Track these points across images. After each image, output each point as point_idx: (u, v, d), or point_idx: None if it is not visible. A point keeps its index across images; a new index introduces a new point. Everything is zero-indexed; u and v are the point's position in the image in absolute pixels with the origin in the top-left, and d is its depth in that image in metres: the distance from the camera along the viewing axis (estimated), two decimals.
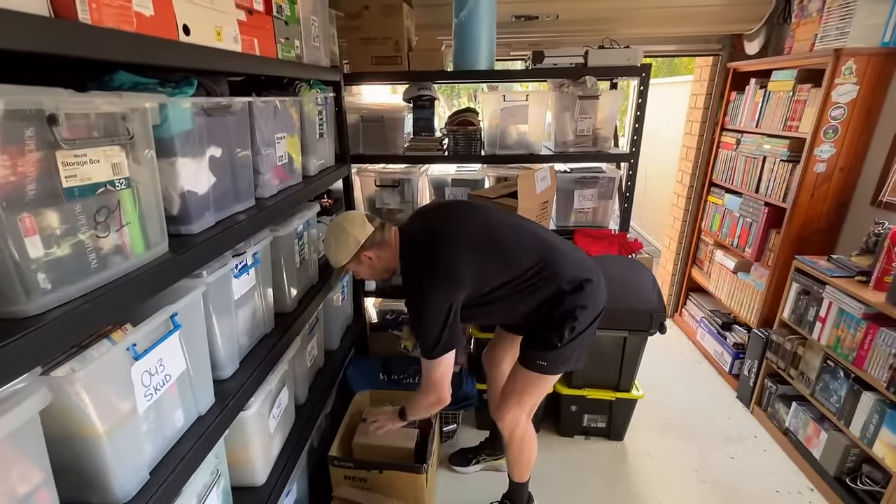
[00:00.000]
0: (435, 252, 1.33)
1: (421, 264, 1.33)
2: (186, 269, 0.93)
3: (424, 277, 1.30)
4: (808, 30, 2.06)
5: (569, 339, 1.37)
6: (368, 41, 2.07)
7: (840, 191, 2.05)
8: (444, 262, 1.30)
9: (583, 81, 2.09)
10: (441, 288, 1.28)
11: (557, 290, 1.37)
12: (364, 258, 1.39)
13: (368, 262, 1.41)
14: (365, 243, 1.38)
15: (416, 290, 1.31)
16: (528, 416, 1.57)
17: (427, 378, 1.37)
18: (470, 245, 1.35)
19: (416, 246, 1.38)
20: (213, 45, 0.98)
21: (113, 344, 0.78)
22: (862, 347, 1.66)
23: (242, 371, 1.20)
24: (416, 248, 1.38)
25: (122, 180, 0.76)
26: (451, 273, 1.29)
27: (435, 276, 1.29)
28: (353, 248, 1.37)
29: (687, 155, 3.07)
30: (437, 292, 1.27)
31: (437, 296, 1.27)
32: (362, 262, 1.40)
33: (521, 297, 1.38)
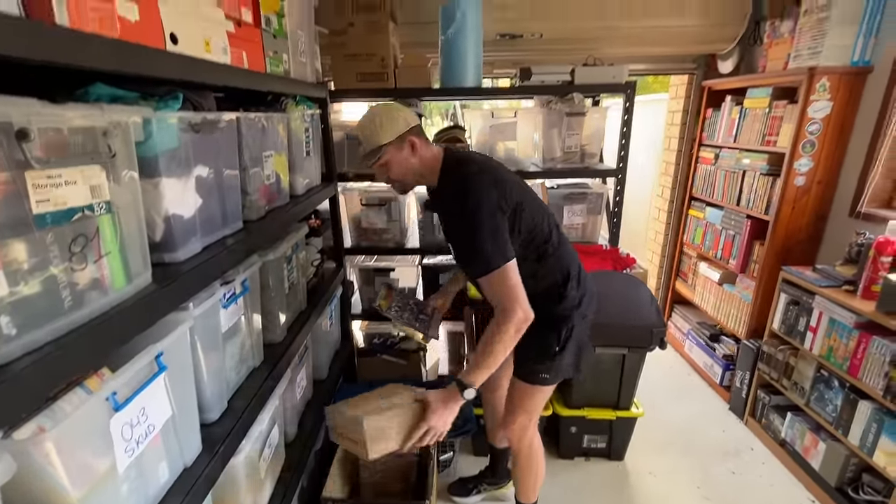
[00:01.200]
0: (482, 165, 1.26)
1: (472, 171, 1.23)
2: (173, 301, 0.83)
3: (477, 182, 1.20)
4: (781, 49, 2.14)
5: (566, 338, 1.34)
6: (354, 57, 2.03)
7: (819, 203, 2.11)
8: (494, 173, 1.25)
9: (570, 98, 2.10)
10: (492, 193, 1.19)
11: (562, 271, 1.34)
12: (407, 144, 1.25)
13: (409, 153, 1.26)
14: (414, 128, 1.26)
15: (469, 194, 1.19)
16: (534, 424, 1.53)
17: (503, 295, 1.16)
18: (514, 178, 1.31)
19: (462, 159, 1.29)
20: (202, 56, 0.91)
21: (88, 393, 0.67)
22: (856, 356, 1.68)
23: (231, 411, 1.08)
24: (463, 161, 1.29)
25: (101, 204, 0.66)
26: (501, 182, 1.22)
27: (488, 182, 1.21)
28: (401, 128, 1.24)
29: (666, 170, 3.13)
30: (491, 197, 1.18)
31: (490, 200, 1.17)
32: (404, 148, 1.25)
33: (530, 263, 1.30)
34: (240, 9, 1.07)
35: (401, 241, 2.36)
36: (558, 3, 2.31)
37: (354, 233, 2.38)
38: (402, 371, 2.34)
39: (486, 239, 1.15)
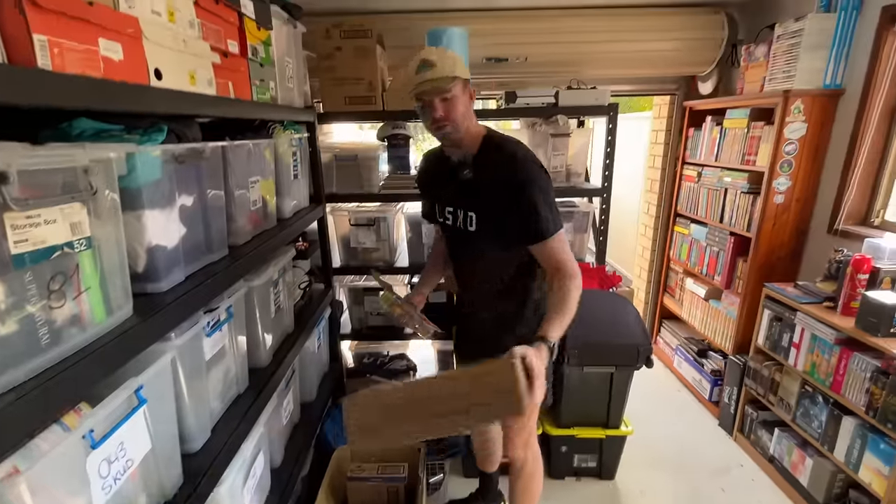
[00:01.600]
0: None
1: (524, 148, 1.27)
2: (154, 333, 0.83)
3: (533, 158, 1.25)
4: (757, 72, 2.21)
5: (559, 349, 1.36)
6: (341, 81, 2.06)
7: (798, 220, 2.16)
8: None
9: (555, 120, 2.15)
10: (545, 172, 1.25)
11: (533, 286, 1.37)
12: (469, 91, 1.24)
13: (467, 99, 1.23)
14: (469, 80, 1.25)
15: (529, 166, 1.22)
16: (534, 436, 1.55)
17: (567, 255, 1.22)
18: None
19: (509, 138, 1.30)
20: (187, 89, 0.92)
21: (66, 431, 0.66)
22: (838, 372, 1.71)
23: (214, 440, 1.07)
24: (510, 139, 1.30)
25: (81, 241, 0.67)
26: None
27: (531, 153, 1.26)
28: (468, 73, 1.23)
29: (651, 187, 3.19)
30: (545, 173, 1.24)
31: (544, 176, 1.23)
32: (465, 92, 1.22)
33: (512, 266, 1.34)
34: (226, 41, 1.09)
35: (390, 259, 2.37)
36: (542, 28, 2.37)
37: (343, 252, 2.39)
38: None
39: (549, 205, 1.21)
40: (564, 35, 2.40)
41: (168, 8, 0.85)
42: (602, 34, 2.41)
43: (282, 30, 1.53)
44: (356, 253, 2.36)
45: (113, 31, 0.70)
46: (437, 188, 1.43)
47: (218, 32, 1.05)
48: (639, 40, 2.43)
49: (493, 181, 1.24)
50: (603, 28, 2.40)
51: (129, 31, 0.74)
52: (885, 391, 1.52)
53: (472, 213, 1.31)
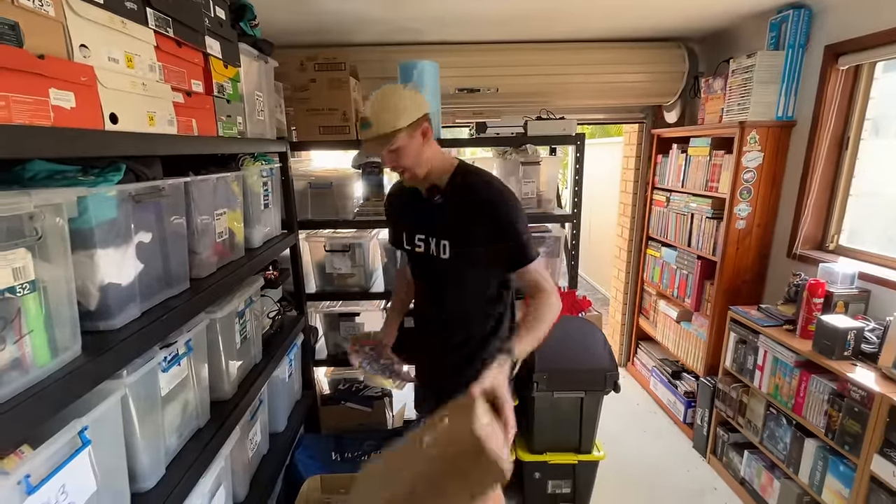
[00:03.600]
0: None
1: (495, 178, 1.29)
2: (104, 372, 0.83)
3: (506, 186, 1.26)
4: (716, 104, 2.32)
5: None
6: (316, 112, 2.10)
7: (760, 244, 2.24)
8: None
9: (524, 149, 2.21)
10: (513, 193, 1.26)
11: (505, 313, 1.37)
12: (420, 132, 1.19)
13: (420, 140, 1.20)
14: (427, 115, 1.21)
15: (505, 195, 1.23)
16: None
17: (545, 277, 1.25)
18: None
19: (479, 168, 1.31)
20: (146, 130, 0.95)
21: (4, 475, 0.66)
22: (798, 394, 1.75)
23: (169, 477, 1.06)
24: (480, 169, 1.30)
25: (24, 285, 0.68)
26: None
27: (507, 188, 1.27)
28: (415, 113, 1.17)
29: (624, 211, 3.27)
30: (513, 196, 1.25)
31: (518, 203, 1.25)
32: (415, 137, 1.19)
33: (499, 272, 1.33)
34: (189, 81, 1.12)
35: (366, 285, 2.38)
36: (513, 60, 2.47)
37: (319, 278, 2.39)
38: (368, 418, 2.31)
39: (527, 232, 1.24)
40: (534, 67, 2.49)
41: (126, 55, 0.88)
42: (570, 67, 2.52)
43: (252, 65, 1.57)
44: (332, 279, 2.37)
45: (65, 81, 0.73)
46: (405, 215, 1.42)
47: (181, 73, 1.09)
48: (606, 73, 2.54)
49: (468, 208, 1.23)
50: (571, 61, 2.51)
51: (83, 80, 0.77)
52: (842, 413, 1.56)
53: (446, 241, 1.29)
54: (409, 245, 1.41)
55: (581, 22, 2.28)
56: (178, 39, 1.05)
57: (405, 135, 1.17)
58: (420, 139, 1.21)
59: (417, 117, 1.18)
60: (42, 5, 0.70)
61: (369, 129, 1.17)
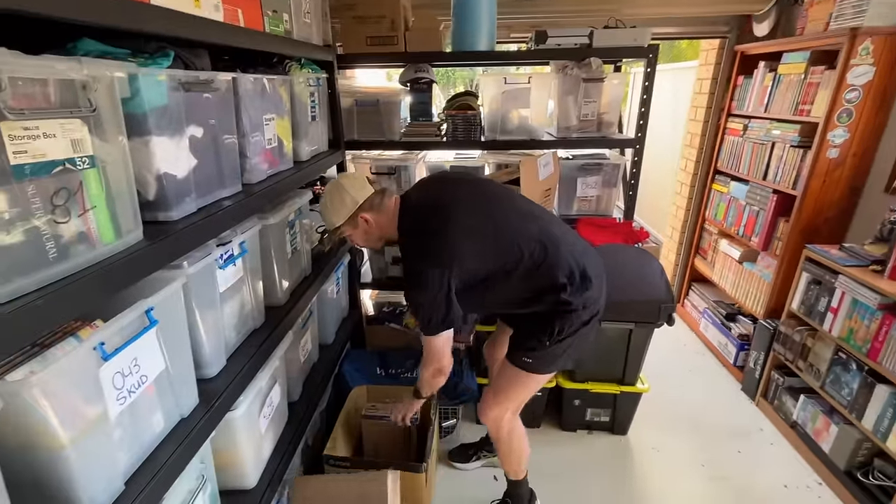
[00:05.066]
0: (435, 226, 1.27)
1: (420, 237, 1.28)
2: (164, 258, 0.85)
3: (423, 251, 1.26)
4: (823, 9, 1.97)
5: (557, 338, 1.31)
6: (362, 20, 1.97)
7: (853, 177, 1.98)
8: (444, 237, 1.25)
9: (587, 63, 2.00)
10: (439, 262, 1.22)
11: (552, 283, 1.28)
12: (360, 221, 1.34)
13: (364, 227, 1.35)
14: (363, 205, 1.33)
15: (414, 262, 1.27)
16: (513, 412, 1.52)
17: (427, 351, 1.35)
18: (471, 222, 1.28)
19: (416, 217, 1.33)
20: (191, 11, 0.89)
21: (79, 342, 0.70)
22: (877, 339, 1.60)
23: (230, 369, 1.12)
24: (416, 219, 1.32)
25: (84, 159, 0.67)
26: (451, 247, 1.25)
27: (433, 250, 1.25)
28: (349, 209, 1.32)
29: (691, 142, 2.99)
30: (436, 267, 1.22)
31: (434, 270, 1.22)
32: (358, 225, 1.34)
33: (516, 283, 1.30)
34: None
35: None
36: None
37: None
38: (408, 339, 2.38)
39: (427, 309, 1.24)
40: None
41: None
42: None
43: None
44: None
45: None
46: None
47: None
48: None
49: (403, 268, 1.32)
50: None
51: None
52: None
53: None
54: None
55: None
56: None
57: (347, 227, 1.35)
58: (364, 226, 1.34)
59: (353, 211, 1.32)
60: None
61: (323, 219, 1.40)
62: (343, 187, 1.33)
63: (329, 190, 1.36)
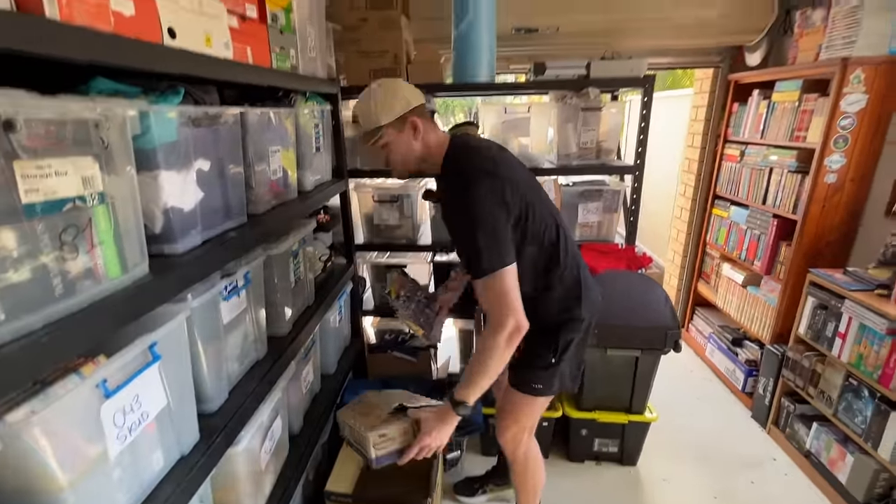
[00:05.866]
0: (494, 157, 1.17)
1: (476, 162, 1.14)
2: (169, 292, 0.84)
3: (481, 174, 1.10)
4: (813, 40, 2.03)
5: (563, 353, 1.29)
6: (366, 54, 2.03)
7: (852, 202, 1.99)
8: (504, 165, 1.14)
9: (585, 93, 2.05)
10: (497, 186, 1.08)
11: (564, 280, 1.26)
12: (409, 125, 1.16)
13: (410, 135, 1.16)
14: (416, 108, 1.16)
15: (470, 187, 1.08)
16: (529, 433, 1.49)
17: (496, 301, 1.07)
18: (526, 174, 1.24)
19: (470, 148, 1.20)
20: (203, 51, 0.92)
21: (81, 379, 0.69)
22: (888, 365, 1.58)
23: (231, 402, 1.10)
24: (470, 149, 1.19)
25: (94, 195, 0.68)
26: (510, 175, 1.12)
27: (493, 175, 1.10)
28: (401, 108, 1.15)
29: (689, 167, 3.03)
30: (496, 190, 1.08)
31: (495, 194, 1.08)
32: (404, 130, 1.16)
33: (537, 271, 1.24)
34: (243, 4, 1.08)
35: (413, 237, 2.35)
36: None
37: (366, 229, 2.39)
38: (413, 368, 2.34)
39: (485, 237, 1.05)
40: (599, 3, 2.27)
41: None
42: (640, 1, 2.27)
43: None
44: (379, 230, 2.36)
45: None
46: None
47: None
48: (680, 6, 2.27)
49: (446, 203, 1.20)
50: None
51: None
52: None
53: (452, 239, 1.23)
54: None
55: None
56: None
57: (391, 130, 1.16)
58: (409, 134, 1.17)
59: (404, 112, 1.16)
60: None
61: (358, 125, 1.21)
62: (398, 84, 1.16)
63: (379, 85, 1.17)
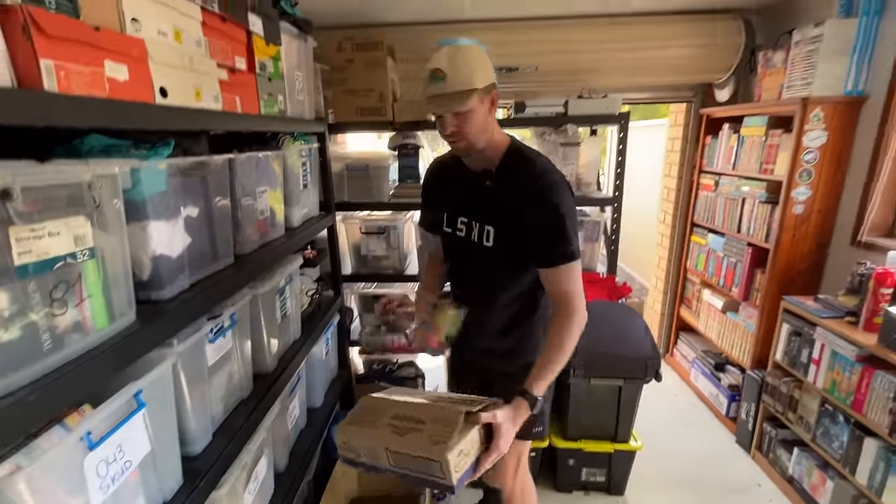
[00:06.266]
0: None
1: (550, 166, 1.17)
2: (157, 339, 0.86)
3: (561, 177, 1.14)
4: (775, 79, 2.16)
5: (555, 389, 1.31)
6: (353, 93, 2.10)
7: (819, 231, 2.08)
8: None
9: (564, 129, 2.14)
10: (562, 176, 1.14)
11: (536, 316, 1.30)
12: (489, 99, 1.10)
13: (487, 109, 1.10)
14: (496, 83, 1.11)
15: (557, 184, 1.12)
16: (525, 465, 1.50)
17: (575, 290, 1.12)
18: None
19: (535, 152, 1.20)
20: (192, 105, 0.96)
21: (67, 431, 0.70)
22: (859, 391, 1.63)
23: (216, 444, 1.10)
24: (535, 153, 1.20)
25: (85, 251, 0.70)
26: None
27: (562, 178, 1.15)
28: (492, 76, 1.09)
29: (668, 196, 3.13)
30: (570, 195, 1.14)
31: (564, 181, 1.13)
32: (485, 102, 1.09)
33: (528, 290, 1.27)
34: (233, 58, 1.14)
35: (400, 267, 2.39)
36: (553, 38, 2.37)
37: (354, 260, 2.42)
38: None
39: (572, 227, 1.11)
40: (576, 44, 2.39)
41: (174, 29, 0.89)
42: (614, 43, 2.40)
43: (292, 44, 1.58)
44: (367, 260, 2.39)
45: (119, 54, 0.74)
46: (449, 196, 1.32)
47: (225, 50, 1.10)
48: (653, 48, 2.40)
49: (518, 195, 1.14)
50: (615, 37, 2.39)
51: (135, 53, 0.78)
52: None
53: (491, 228, 1.20)
54: (450, 227, 1.32)
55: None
56: (222, 15, 1.06)
57: (477, 98, 1.05)
58: (488, 107, 1.11)
59: (491, 81, 1.09)
60: None
61: (442, 83, 1.03)
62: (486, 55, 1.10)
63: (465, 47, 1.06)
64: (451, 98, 1.04)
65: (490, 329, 1.34)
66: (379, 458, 0.97)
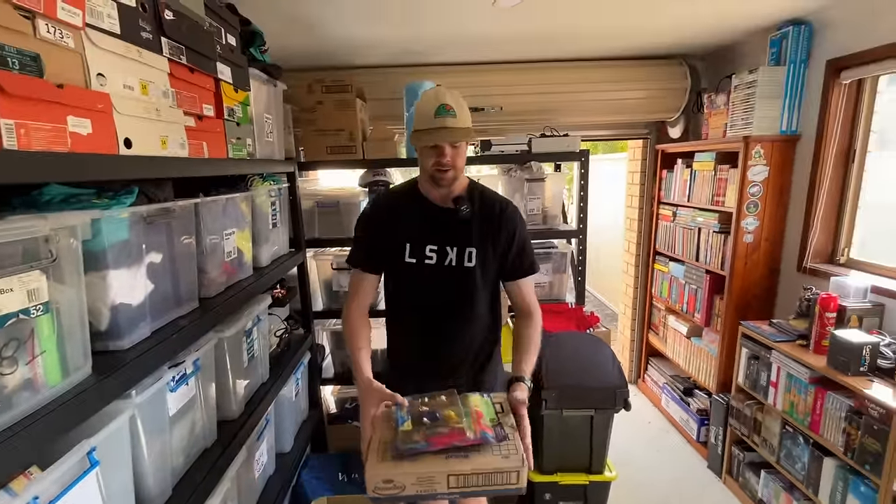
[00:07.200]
0: None
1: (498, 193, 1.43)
2: (114, 392, 0.83)
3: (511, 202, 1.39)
4: (719, 119, 2.33)
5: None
6: (323, 133, 2.15)
7: (769, 259, 2.22)
8: None
9: (529, 166, 2.23)
10: None
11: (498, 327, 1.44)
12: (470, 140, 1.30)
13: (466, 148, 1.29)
14: None
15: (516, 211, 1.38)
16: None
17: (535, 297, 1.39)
18: None
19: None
20: (158, 153, 0.97)
21: (12, 496, 0.66)
22: (815, 412, 1.71)
23: (175, 499, 1.05)
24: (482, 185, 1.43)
25: (39, 306, 0.69)
26: None
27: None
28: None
29: (631, 226, 3.27)
30: None
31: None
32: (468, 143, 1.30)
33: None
34: (201, 105, 1.16)
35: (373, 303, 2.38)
36: (516, 80, 2.51)
37: (325, 296, 2.40)
38: None
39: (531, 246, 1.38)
40: (537, 86, 2.53)
41: (141, 82, 0.91)
42: (574, 85, 2.55)
43: (261, 89, 1.62)
44: (338, 296, 2.37)
45: (83, 109, 0.75)
46: (410, 228, 1.34)
47: (193, 98, 1.12)
48: (609, 90, 2.57)
49: (491, 220, 1.34)
50: (574, 80, 2.55)
51: (100, 107, 0.79)
52: (860, 431, 1.52)
53: (473, 249, 1.32)
54: (415, 257, 1.33)
55: (584, 42, 2.32)
56: (190, 66, 1.09)
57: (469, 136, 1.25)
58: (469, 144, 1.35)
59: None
60: (62, 37, 0.73)
61: (453, 118, 1.19)
62: None
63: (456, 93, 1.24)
64: (458, 132, 1.20)
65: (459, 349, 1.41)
66: (437, 484, 0.99)
